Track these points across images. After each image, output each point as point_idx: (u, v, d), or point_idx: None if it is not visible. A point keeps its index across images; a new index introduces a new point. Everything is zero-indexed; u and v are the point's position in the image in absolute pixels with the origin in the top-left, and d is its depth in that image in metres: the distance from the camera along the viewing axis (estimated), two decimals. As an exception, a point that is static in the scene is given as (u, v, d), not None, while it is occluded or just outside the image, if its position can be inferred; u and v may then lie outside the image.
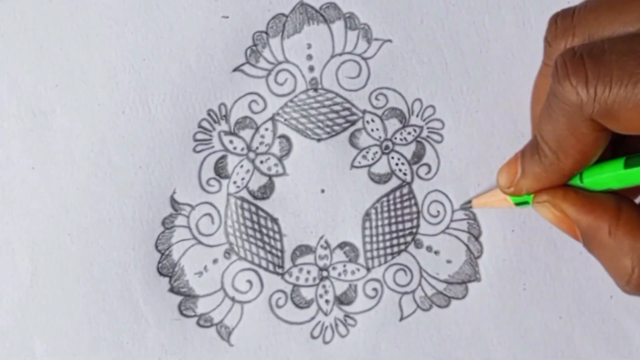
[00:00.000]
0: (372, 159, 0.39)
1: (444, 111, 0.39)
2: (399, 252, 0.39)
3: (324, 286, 0.39)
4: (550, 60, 0.33)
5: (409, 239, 0.39)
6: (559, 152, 0.31)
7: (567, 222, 0.33)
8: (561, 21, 0.32)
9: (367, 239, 0.39)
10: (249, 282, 0.39)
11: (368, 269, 0.39)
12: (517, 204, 0.35)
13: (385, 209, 0.39)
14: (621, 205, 0.32)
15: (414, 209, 0.39)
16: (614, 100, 0.28)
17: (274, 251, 0.39)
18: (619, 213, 0.31)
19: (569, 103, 0.29)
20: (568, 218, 0.32)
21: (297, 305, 0.39)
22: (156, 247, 0.39)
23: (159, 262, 0.39)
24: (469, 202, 0.39)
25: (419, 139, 0.39)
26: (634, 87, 0.28)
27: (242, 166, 0.39)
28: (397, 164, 0.39)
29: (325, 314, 0.39)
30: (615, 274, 0.32)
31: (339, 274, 0.39)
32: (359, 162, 0.39)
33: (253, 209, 0.39)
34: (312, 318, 0.39)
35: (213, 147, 0.39)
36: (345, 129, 0.39)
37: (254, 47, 0.39)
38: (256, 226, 0.39)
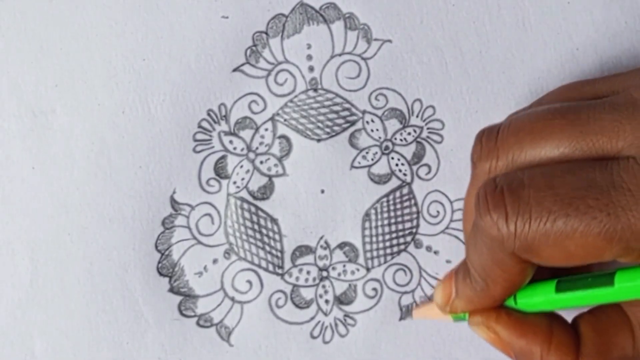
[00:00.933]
0: (372, 159, 0.39)
1: (444, 111, 0.39)
2: (399, 252, 0.39)
3: (323, 286, 0.39)
4: (476, 181, 0.33)
5: (408, 239, 0.39)
6: (487, 281, 0.31)
7: (502, 344, 0.32)
8: (485, 142, 0.32)
9: (367, 239, 0.39)
10: (249, 282, 0.39)
11: (368, 269, 0.39)
12: (455, 319, 0.36)
13: (385, 209, 0.39)
14: (553, 328, 0.31)
15: (414, 209, 0.39)
16: (533, 236, 0.28)
17: (273, 251, 0.39)
18: (551, 337, 0.31)
19: (490, 237, 0.29)
20: (502, 340, 0.32)
21: (296, 306, 0.39)
22: (156, 247, 0.39)
23: (159, 262, 0.39)
24: (410, 311, 0.39)
25: (419, 139, 0.39)
26: (553, 225, 0.28)
27: (242, 166, 0.39)
28: (397, 165, 0.39)
29: (325, 314, 0.39)
30: None
31: (339, 274, 0.39)
32: (359, 163, 0.39)
33: (253, 209, 0.39)
34: (312, 318, 0.39)
35: (213, 147, 0.39)
36: (345, 129, 0.39)
37: (253, 47, 0.39)
38: (256, 226, 0.39)
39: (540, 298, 0.32)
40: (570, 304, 0.31)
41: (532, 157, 0.30)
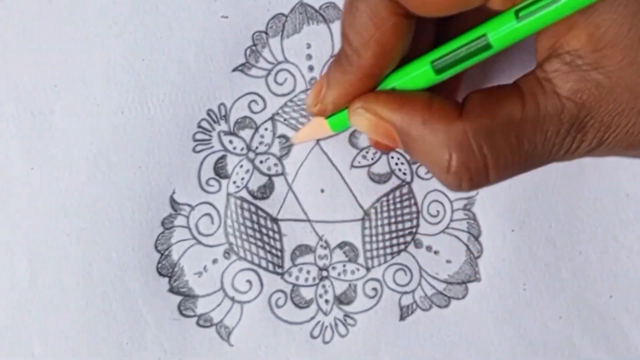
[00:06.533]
0: (372, 158, 0.39)
1: (444, 111, 0.39)
2: (399, 252, 0.39)
3: (323, 286, 0.39)
4: None
5: (408, 238, 0.39)
6: (359, 48, 0.30)
7: (383, 126, 0.31)
8: None
9: (367, 239, 0.39)
10: (249, 282, 0.39)
11: (368, 269, 0.39)
12: (335, 128, 0.34)
13: (385, 208, 0.39)
14: (433, 98, 0.31)
15: (414, 208, 0.39)
16: None
17: (273, 251, 0.39)
18: (431, 105, 0.30)
19: None
20: (383, 121, 0.31)
21: (296, 305, 0.39)
22: (156, 247, 0.39)
23: (159, 262, 0.39)
24: (290, 140, 0.39)
25: (418, 139, 0.39)
26: None
27: (241, 166, 0.39)
28: (396, 164, 0.39)
29: (325, 314, 0.39)
30: (435, 167, 0.31)
31: (339, 274, 0.39)
32: (359, 162, 0.39)
33: (253, 208, 0.39)
34: (312, 318, 0.39)
35: (212, 147, 0.39)
36: (345, 129, 0.39)
37: (253, 47, 0.39)
38: (256, 226, 0.39)
39: (415, 73, 0.31)
40: (449, 73, 0.31)
41: None
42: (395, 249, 0.39)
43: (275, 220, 0.39)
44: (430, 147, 0.30)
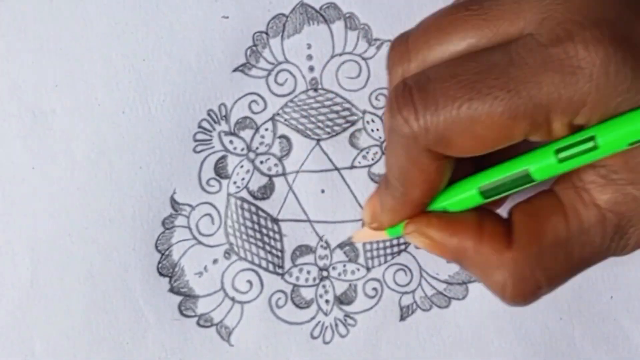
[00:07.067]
0: (372, 159, 0.39)
1: (444, 111, 0.39)
2: (399, 252, 0.39)
3: (324, 286, 0.39)
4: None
5: (409, 239, 0.39)
6: (406, 185, 0.31)
7: (438, 247, 0.32)
8: (397, 47, 0.32)
9: (367, 239, 0.39)
10: (249, 282, 0.39)
11: (368, 269, 0.39)
12: (392, 235, 0.35)
13: (386, 209, 0.39)
14: (483, 222, 0.32)
15: (414, 209, 0.39)
16: (443, 127, 0.28)
17: (274, 251, 0.39)
18: (482, 230, 0.31)
19: (404, 136, 0.29)
20: (437, 242, 0.32)
21: (297, 306, 0.39)
22: (156, 247, 0.39)
23: (159, 262, 0.39)
24: (350, 238, 0.39)
25: (419, 139, 0.39)
26: (459, 111, 0.28)
27: (242, 166, 0.39)
28: (397, 164, 0.39)
29: (325, 314, 0.39)
30: (491, 288, 0.32)
31: (339, 274, 0.39)
32: (359, 162, 0.39)
33: (253, 209, 0.39)
34: (312, 318, 0.39)
35: (213, 147, 0.39)
36: (345, 129, 0.39)
37: (254, 47, 0.39)
38: (256, 226, 0.39)
39: (463, 196, 0.32)
40: (494, 195, 0.31)
41: (441, 54, 0.30)
42: (395, 249, 0.39)
43: (275, 220, 0.39)
44: (485, 272, 0.31)
